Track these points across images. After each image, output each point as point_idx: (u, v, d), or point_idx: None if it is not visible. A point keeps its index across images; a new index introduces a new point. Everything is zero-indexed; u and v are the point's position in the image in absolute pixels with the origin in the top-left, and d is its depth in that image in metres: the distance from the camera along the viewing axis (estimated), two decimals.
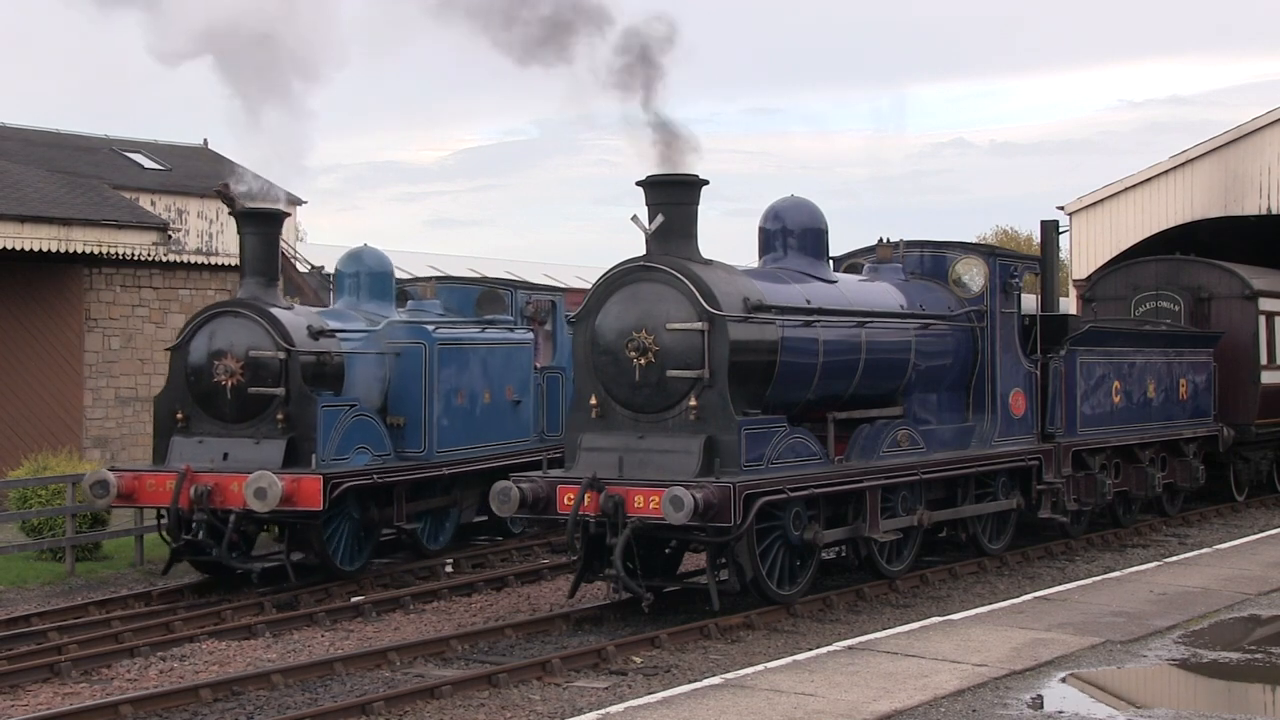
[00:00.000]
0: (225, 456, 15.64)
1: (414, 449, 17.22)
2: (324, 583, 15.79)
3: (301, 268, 25.49)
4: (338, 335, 16.66)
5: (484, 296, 19.13)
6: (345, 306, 17.78)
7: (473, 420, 18.01)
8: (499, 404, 18.52)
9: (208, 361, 15.89)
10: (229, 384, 15.75)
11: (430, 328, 17.63)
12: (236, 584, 15.77)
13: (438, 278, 19.77)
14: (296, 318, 16.34)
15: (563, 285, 22.50)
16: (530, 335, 19.29)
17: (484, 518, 18.67)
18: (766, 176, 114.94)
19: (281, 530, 16.18)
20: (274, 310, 16.07)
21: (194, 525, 15.19)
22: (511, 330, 18.95)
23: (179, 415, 16.00)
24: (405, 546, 17.74)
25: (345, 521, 16.14)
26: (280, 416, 15.62)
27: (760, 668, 10.75)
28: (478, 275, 21.41)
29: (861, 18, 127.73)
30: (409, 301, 18.65)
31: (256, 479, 14.69)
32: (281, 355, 15.71)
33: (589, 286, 21.75)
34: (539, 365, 19.46)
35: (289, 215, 20.19)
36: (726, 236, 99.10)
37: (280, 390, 15.65)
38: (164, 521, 15.57)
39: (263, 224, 16.48)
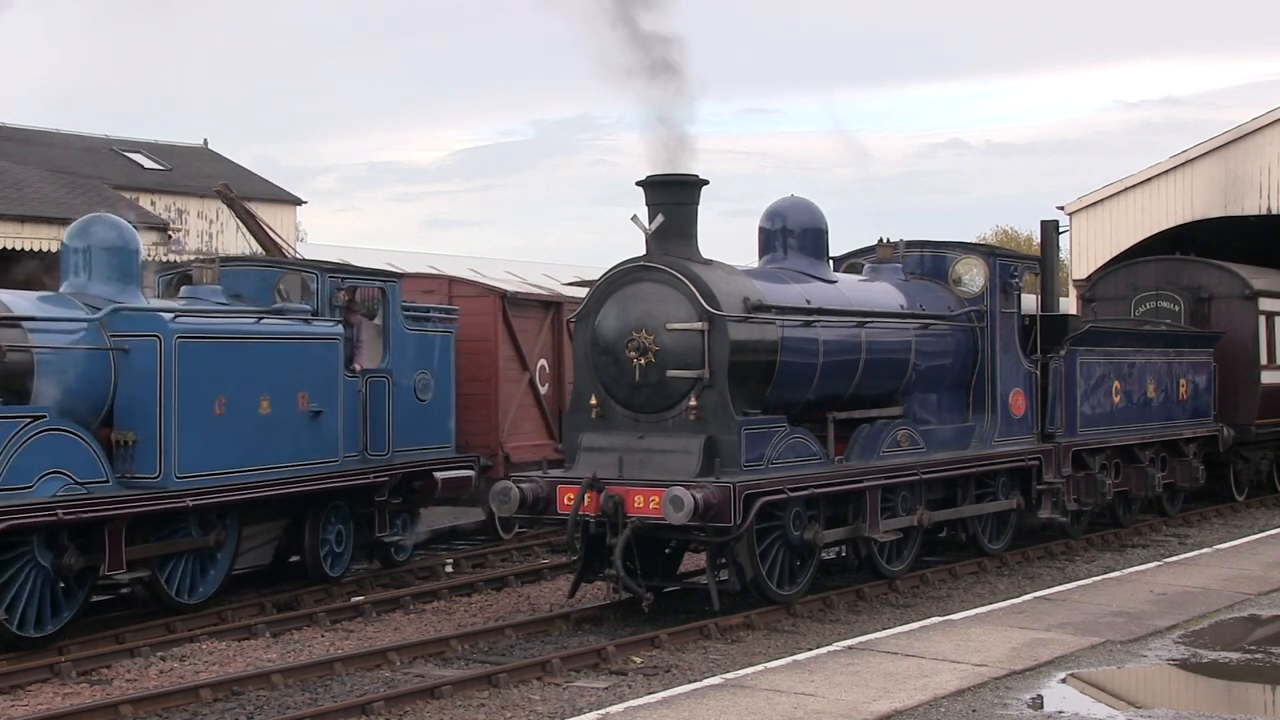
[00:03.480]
0: None
1: (146, 473, 13.32)
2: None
3: None
4: (24, 326, 12.87)
5: (284, 281, 15.59)
6: (72, 290, 13.84)
7: (239, 436, 14.07)
8: (285, 415, 14.64)
9: None
10: None
11: (168, 316, 13.71)
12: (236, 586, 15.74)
13: (222, 258, 15.79)
14: None
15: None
16: (337, 329, 15.39)
17: (294, 557, 15.81)
18: (763, 177, 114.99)
19: None
20: None
21: None
22: (308, 322, 15.11)
23: None
24: (139, 600, 14.26)
25: (31, 573, 12.39)
26: None
27: (760, 668, 10.75)
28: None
29: (858, 19, 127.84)
30: (183, 288, 15.09)
31: None
32: None
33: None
34: (359, 367, 15.82)
35: None
36: (725, 237, 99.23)
37: None
38: None
39: None
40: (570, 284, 24.31)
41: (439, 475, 16.79)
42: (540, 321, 20.09)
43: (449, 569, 17.37)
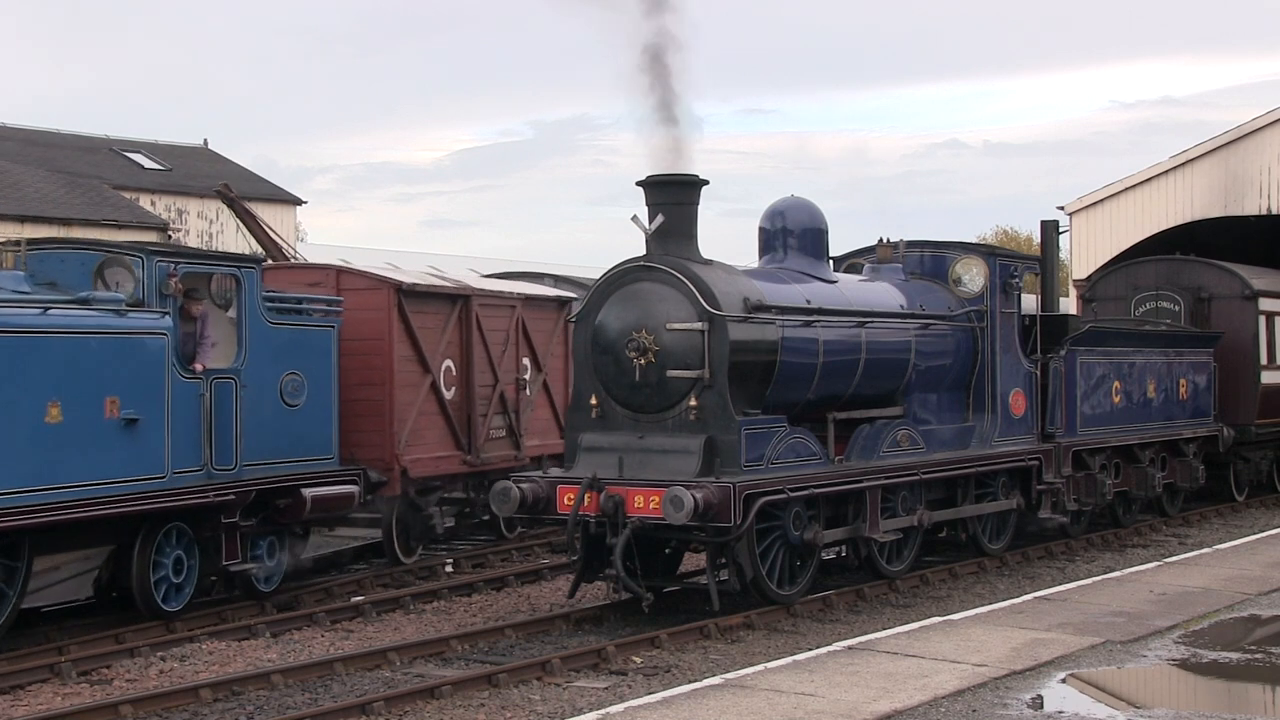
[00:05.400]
0: None
1: None
2: None
3: None
4: None
5: (105, 265, 13.45)
6: None
7: (14, 450, 11.86)
8: (84, 425, 12.41)
9: None
10: None
11: None
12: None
13: (29, 240, 13.75)
14: None
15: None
16: (164, 322, 13.17)
17: (88, 597, 13.66)
18: (762, 177, 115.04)
19: None
20: None
21: None
22: (121, 314, 12.82)
23: None
24: None
25: None
26: None
27: (760, 668, 10.74)
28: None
29: (856, 19, 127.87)
30: None
31: None
32: None
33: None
34: (202, 367, 13.67)
35: None
36: (723, 237, 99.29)
37: None
38: None
39: None
40: (489, 276, 22.49)
41: (308, 492, 14.58)
42: (445, 317, 17.54)
43: (449, 569, 17.36)
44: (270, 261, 19.30)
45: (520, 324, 18.91)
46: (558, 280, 22.77)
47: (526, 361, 19.04)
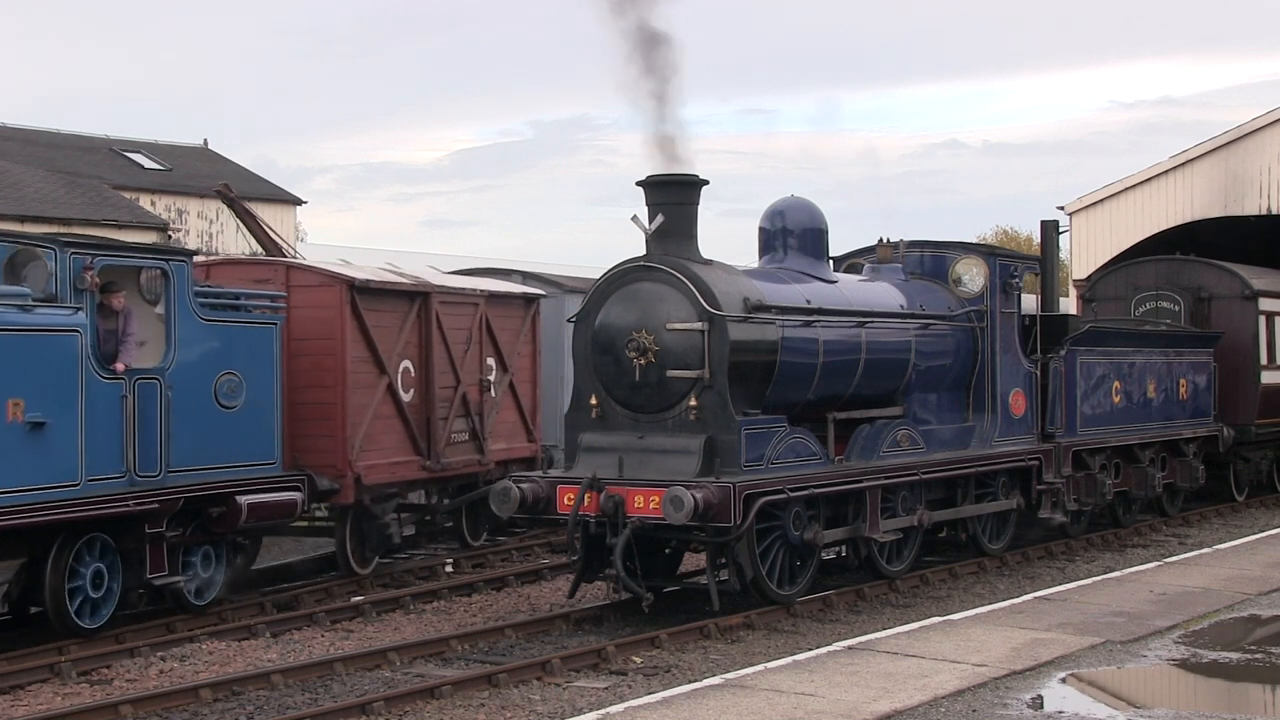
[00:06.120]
0: None
1: None
2: None
3: None
4: None
5: (17, 258, 12.63)
6: None
7: None
8: None
9: None
10: None
11: None
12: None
13: None
14: None
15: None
16: (76, 318, 12.36)
17: (1, 613, 12.82)
18: (761, 177, 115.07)
19: None
20: None
21: None
22: (26, 309, 11.97)
23: None
24: None
25: None
26: None
27: (760, 668, 10.74)
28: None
29: (855, 19, 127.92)
30: None
31: None
32: None
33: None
34: (123, 366, 12.82)
35: None
36: (722, 237, 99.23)
37: None
38: None
39: None
40: (454, 272, 21.27)
41: (244, 500, 13.74)
42: (403, 315, 16.63)
43: (449, 569, 17.36)
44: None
45: (484, 322, 18.02)
46: (526, 277, 21.54)
47: (491, 361, 18.17)
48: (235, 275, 15.65)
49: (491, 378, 18.13)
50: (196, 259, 14.57)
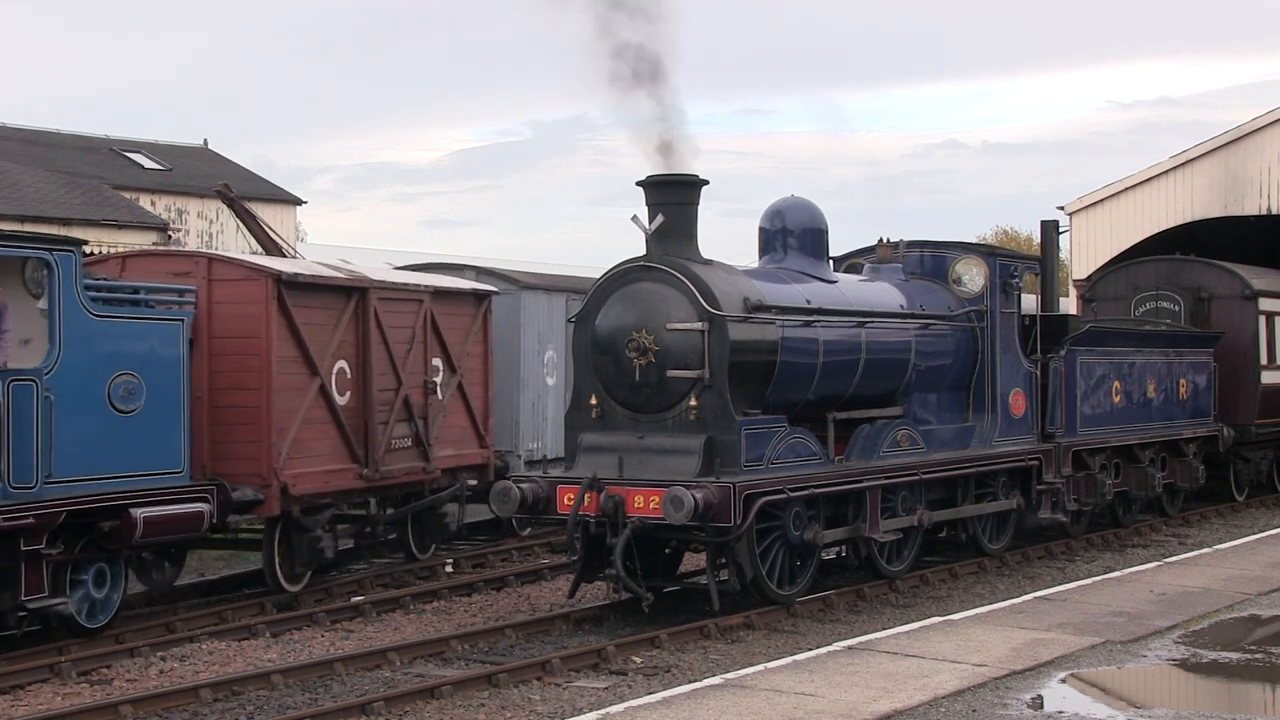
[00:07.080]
0: None
1: None
2: None
3: None
4: None
5: None
6: None
7: None
8: None
9: None
10: None
11: None
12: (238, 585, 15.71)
13: None
14: None
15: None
16: None
17: None
18: (760, 177, 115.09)
19: None
20: None
21: None
22: None
23: None
24: None
25: None
26: None
27: (760, 668, 10.74)
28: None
29: (854, 19, 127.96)
30: None
31: None
32: None
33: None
34: None
35: None
36: (722, 237, 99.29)
37: None
38: None
39: None
40: (401, 268, 20.17)
41: (139, 513, 12.56)
42: (337, 312, 15.47)
43: (449, 569, 17.35)
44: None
45: (429, 320, 16.81)
46: (480, 273, 20.19)
47: (437, 362, 17.00)
48: (154, 268, 14.60)
49: (438, 379, 16.97)
50: (138, 249, 13.27)
